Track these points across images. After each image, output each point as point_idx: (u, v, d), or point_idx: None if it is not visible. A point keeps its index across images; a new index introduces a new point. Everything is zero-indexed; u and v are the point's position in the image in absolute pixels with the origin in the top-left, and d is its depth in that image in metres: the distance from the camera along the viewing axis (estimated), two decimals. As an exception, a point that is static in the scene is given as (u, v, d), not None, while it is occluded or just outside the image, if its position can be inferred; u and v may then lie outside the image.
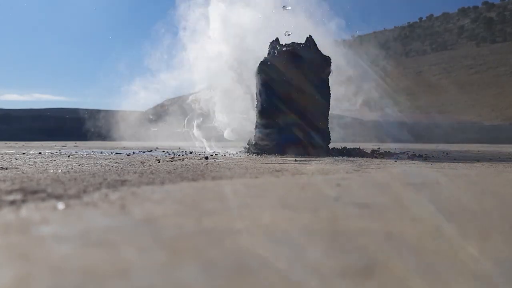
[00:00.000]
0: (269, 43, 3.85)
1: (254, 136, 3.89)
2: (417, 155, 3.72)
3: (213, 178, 1.58)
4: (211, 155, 3.32)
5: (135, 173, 1.73)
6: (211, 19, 4.39)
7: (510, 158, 3.43)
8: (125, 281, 0.50)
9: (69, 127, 11.00)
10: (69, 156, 2.99)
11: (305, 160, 2.71)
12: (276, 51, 3.76)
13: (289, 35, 3.81)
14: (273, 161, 2.66)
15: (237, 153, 3.84)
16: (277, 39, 3.79)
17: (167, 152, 4.00)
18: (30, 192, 1.14)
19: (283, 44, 3.80)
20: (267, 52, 3.84)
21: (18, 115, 11.00)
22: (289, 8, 3.87)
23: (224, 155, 3.49)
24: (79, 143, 7.56)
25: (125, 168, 1.96)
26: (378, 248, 0.66)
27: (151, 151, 4.24)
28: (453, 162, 2.76)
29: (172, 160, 2.69)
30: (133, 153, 3.69)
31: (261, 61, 3.85)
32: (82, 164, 2.23)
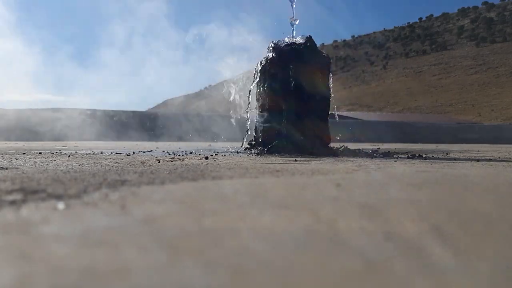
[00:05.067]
0: (268, 43, 3.85)
1: (254, 136, 3.89)
2: (417, 155, 3.72)
3: (213, 178, 1.58)
4: (211, 155, 3.32)
5: (135, 173, 1.73)
6: None
7: (510, 158, 3.43)
8: (125, 281, 0.50)
9: (69, 127, 11.00)
10: (69, 156, 2.99)
11: (305, 160, 2.71)
12: (275, 51, 3.76)
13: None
14: (273, 161, 2.66)
15: (237, 152, 3.84)
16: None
17: (167, 152, 4.00)
18: (30, 192, 1.14)
19: (283, 44, 3.81)
20: (267, 52, 3.85)
21: (19, 115, 10.99)
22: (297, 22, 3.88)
23: (224, 155, 3.49)
24: (79, 143, 7.56)
25: (125, 168, 1.96)
26: (378, 248, 0.66)
27: (151, 151, 4.24)
28: (453, 162, 2.76)
29: (172, 160, 2.69)
30: (133, 153, 3.68)
31: (260, 61, 3.85)
32: (82, 164, 2.23)
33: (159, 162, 2.48)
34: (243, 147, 4.03)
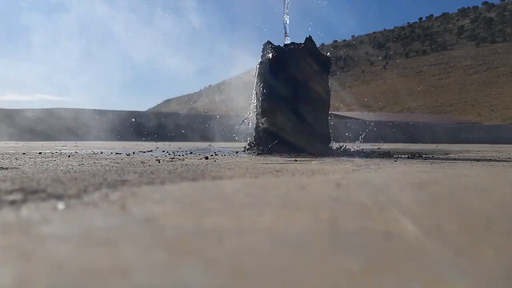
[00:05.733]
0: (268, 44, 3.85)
1: (254, 136, 3.89)
2: (417, 155, 3.72)
3: (213, 178, 1.58)
4: (211, 155, 3.32)
5: (135, 173, 1.73)
6: None
7: (510, 158, 3.43)
8: (125, 280, 0.51)
9: (71, 127, 11.00)
10: (69, 156, 2.99)
11: (305, 160, 2.71)
12: (275, 52, 3.76)
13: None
14: (273, 161, 2.66)
15: (237, 152, 3.84)
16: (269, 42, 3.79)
17: (167, 152, 4.00)
18: (30, 192, 1.14)
19: (283, 44, 3.81)
20: (266, 52, 3.85)
21: (19, 115, 10.98)
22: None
23: (224, 155, 3.49)
24: (79, 143, 7.56)
25: (125, 168, 1.96)
26: (378, 248, 0.66)
27: (151, 151, 4.24)
28: (453, 162, 2.76)
29: (172, 160, 2.69)
30: (133, 153, 3.68)
31: (260, 61, 3.85)
32: (82, 164, 2.23)
33: (159, 162, 2.48)
34: (243, 147, 4.03)
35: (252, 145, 3.85)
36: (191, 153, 3.78)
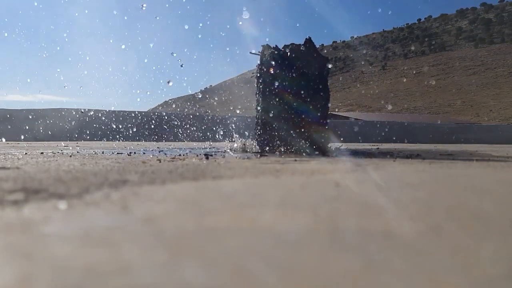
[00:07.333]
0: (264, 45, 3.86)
1: (254, 136, 3.90)
2: (415, 155, 3.74)
3: (213, 178, 1.59)
4: (211, 155, 3.32)
5: (136, 172, 1.73)
6: None
7: (508, 158, 3.44)
8: (126, 279, 0.51)
9: (71, 128, 10.97)
10: (71, 156, 2.99)
11: (305, 160, 2.71)
12: (275, 53, 3.77)
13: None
14: (273, 161, 2.66)
15: (238, 152, 3.85)
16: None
17: (168, 152, 4.01)
18: (32, 192, 1.14)
19: (283, 45, 3.82)
20: (265, 53, 3.86)
21: (20, 116, 10.95)
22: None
23: (225, 155, 3.49)
24: (81, 143, 7.54)
25: (126, 168, 1.96)
26: (377, 247, 0.67)
27: (152, 150, 4.24)
28: (452, 162, 2.77)
29: (173, 159, 2.70)
30: (135, 153, 3.69)
31: (260, 62, 3.86)
32: (83, 164, 2.23)
33: (160, 162, 2.48)
34: (244, 147, 4.04)
35: (252, 145, 3.86)
36: (191, 153, 3.78)
